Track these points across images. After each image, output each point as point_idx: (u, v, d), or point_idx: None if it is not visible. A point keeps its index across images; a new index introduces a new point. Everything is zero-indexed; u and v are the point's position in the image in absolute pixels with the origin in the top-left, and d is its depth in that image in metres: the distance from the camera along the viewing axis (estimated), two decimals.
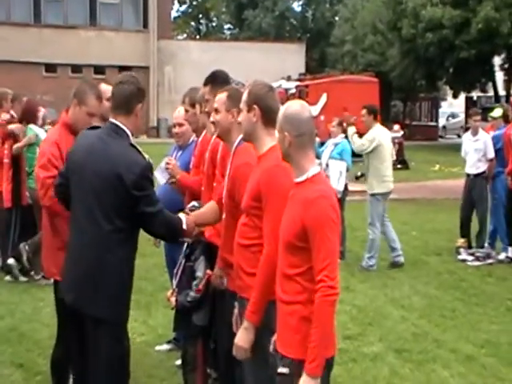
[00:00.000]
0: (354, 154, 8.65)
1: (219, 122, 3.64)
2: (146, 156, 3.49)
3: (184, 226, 3.59)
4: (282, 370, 2.83)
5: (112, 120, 3.46)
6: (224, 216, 3.64)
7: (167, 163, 4.64)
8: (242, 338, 3.07)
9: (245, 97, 3.30)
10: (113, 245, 3.34)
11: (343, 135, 8.75)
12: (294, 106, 2.94)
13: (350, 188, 9.28)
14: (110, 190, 3.30)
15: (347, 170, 8.51)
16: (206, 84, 4.16)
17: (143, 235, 3.55)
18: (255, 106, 3.24)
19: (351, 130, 8.25)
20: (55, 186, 3.70)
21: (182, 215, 3.67)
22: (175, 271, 4.14)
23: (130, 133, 3.47)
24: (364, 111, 8.07)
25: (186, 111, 4.77)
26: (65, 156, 3.78)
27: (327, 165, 8.39)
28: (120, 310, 3.44)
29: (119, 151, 3.37)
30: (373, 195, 8.07)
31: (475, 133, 8.88)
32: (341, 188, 8.16)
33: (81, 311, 3.41)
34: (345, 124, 8.65)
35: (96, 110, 4.00)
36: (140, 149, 3.46)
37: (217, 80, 4.11)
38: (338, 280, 2.76)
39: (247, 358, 3.11)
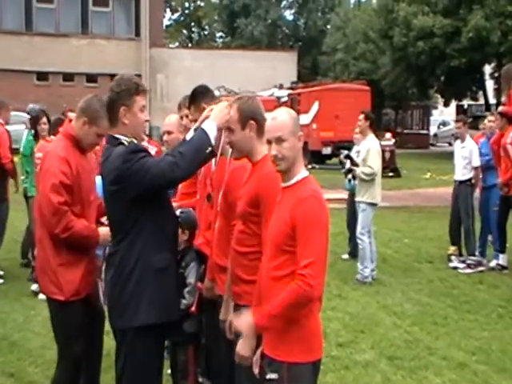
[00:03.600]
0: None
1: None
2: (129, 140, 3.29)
3: (212, 135, 3.25)
4: (270, 375, 2.84)
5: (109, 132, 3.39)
6: (218, 222, 3.64)
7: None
8: (244, 346, 3.03)
9: (235, 115, 3.24)
10: (129, 254, 3.22)
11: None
12: (291, 111, 3.02)
13: (343, 196, 9.28)
14: (112, 195, 3.26)
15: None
16: (189, 106, 4.11)
17: None
18: (252, 122, 3.24)
19: (357, 170, 7.97)
20: None
21: None
22: None
23: (127, 137, 3.28)
24: (361, 116, 8.07)
25: (182, 118, 4.61)
26: (75, 171, 3.62)
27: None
28: (128, 316, 3.24)
29: (111, 158, 3.25)
30: (367, 204, 7.93)
31: (462, 140, 8.98)
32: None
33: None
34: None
35: (105, 132, 3.65)
36: (124, 142, 3.28)
37: (197, 97, 4.05)
38: (322, 282, 2.78)
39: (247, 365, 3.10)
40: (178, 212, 3.96)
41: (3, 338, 5.78)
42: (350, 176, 8.57)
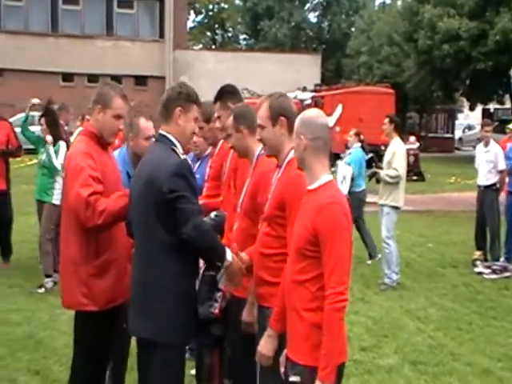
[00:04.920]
0: (369, 165, 8.72)
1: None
2: (183, 156, 3.28)
3: (229, 257, 3.25)
4: (293, 378, 2.84)
5: (160, 131, 3.35)
6: (238, 223, 3.65)
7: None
8: (266, 345, 3.07)
9: (265, 112, 3.29)
10: (158, 259, 3.14)
11: (359, 144, 9.23)
12: (311, 112, 3.03)
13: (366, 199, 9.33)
14: (148, 195, 3.14)
15: (352, 177, 8.68)
16: (215, 101, 4.16)
17: None
18: (282, 118, 3.27)
19: (382, 173, 7.98)
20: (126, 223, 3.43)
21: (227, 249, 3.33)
22: None
23: (176, 140, 3.27)
24: (386, 120, 8.04)
25: (201, 128, 4.51)
26: (99, 168, 3.52)
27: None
28: (168, 331, 3.16)
29: (156, 156, 3.23)
30: (391, 207, 7.87)
31: (486, 144, 8.89)
32: (343, 192, 8.13)
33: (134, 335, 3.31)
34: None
35: (123, 112, 3.68)
36: (180, 153, 3.26)
37: (226, 94, 4.13)
38: (348, 286, 2.78)
39: (269, 365, 3.10)
40: (212, 214, 3.96)
41: (29, 337, 5.85)
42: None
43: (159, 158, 3.21)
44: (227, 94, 4.16)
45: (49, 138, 7.40)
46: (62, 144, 7.45)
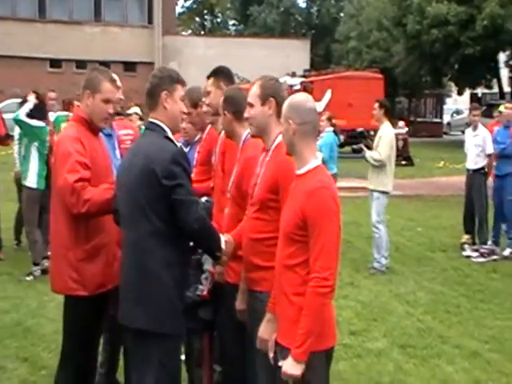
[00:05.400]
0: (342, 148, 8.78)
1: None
2: (179, 144, 3.29)
3: (223, 245, 3.28)
4: (282, 363, 2.84)
5: (149, 119, 3.30)
6: (228, 208, 3.65)
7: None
8: (266, 330, 3.06)
9: (257, 91, 3.31)
10: (151, 247, 3.08)
11: (331, 129, 9.47)
12: (299, 97, 3.02)
13: (356, 185, 9.34)
14: (143, 183, 3.08)
15: (323, 161, 8.68)
16: (209, 77, 4.18)
17: None
18: (271, 99, 3.28)
19: (367, 153, 8.03)
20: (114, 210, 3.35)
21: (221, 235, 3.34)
22: None
23: (167, 127, 3.23)
24: (376, 105, 8.03)
25: (189, 114, 4.48)
26: (89, 153, 3.50)
27: None
28: (165, 320, 3.11)
29: (150, 143, 3.19)
30: (380, 192, 7.89)
31: (475, 128, 8.92)
32: None
33: (127, 326, 3.16)
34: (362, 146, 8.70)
35: (112, 95, 3.67)
36: (172, 138, 3.24)
37: (220, 74, 4.16)
38: (336, 271, 2.79)
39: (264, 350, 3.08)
40: (203, 199, 3.95)
41: (17, 324, 5.84)
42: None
43: (155, 146, 3.15)
44: (221, 73, 4.19)
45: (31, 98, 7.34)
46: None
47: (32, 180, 7.27)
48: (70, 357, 3.63)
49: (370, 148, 8.20)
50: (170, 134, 3.23)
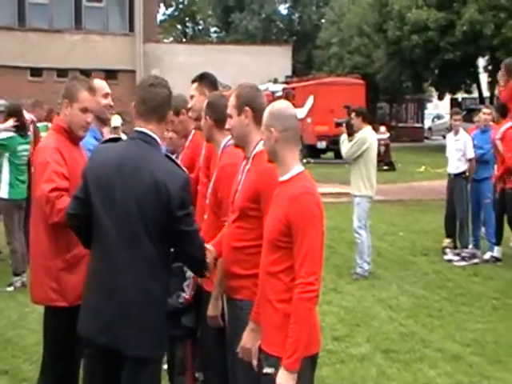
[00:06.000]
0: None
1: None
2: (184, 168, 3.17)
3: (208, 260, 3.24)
4: (267, 370, 2.85)
5: (140, 128, 3.06)
6: (207, 215, 3.66)
7: None
8: (249, 339, 3.04)
9: (233, 101, 3.32)
10: (157, 271, 2.96)
11: None
12: (279, 104, 3.04)
13: (338, 190, 9.34)
14: (152, 202, 2.90)
15: None
16: (193, 82, 4.20)
17: None
18: (247, 108, 3.28)
19: (343, 136, 8.18)
20: (68, 214, 3.17)
21: None
22: None
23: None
24: (353, 114, 8.06)
25: (172, 121, 4.47)
26: (68, 163, 3.46)
27: None
28: (163, 345, 3.11)
29: (158, 161, 3.00)
30: (362, 197, 7.93)
31: (456, 133, 9.01)
32: None
33: (120, 351, 2.94)
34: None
35: (89, 104, 3.64)
36: (177, 161, 3.18)
37: (205, 79, 4.18)
38: (320, 277, 2.79)
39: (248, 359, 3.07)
40: None
41: None
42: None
43: (164, 168, 2.97)
44: (206, 79, 4.21)
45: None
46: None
47: (4, 191, 7.23)
48: (49, 368, 3.62)
49: (351, 133, 8.11)
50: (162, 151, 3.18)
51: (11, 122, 7.26)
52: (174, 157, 4.76)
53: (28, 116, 7.88)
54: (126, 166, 2.96)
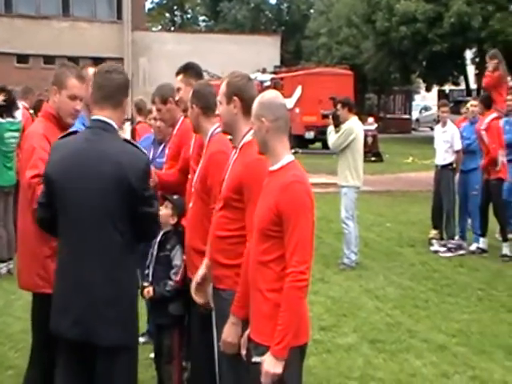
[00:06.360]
0: None
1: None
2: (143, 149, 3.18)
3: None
4: (256, 359, 2.84)
5: (96, 116, 3.07)
6: (192, 202, 3.65)
7: None
8: (230, 333, 3.05)
9: (223, 89, 3.31)
10: (123, 259, 2.97)
11: None
12: (269, 94, 3.03)
13: (326, 180, 9.33)
14: (115, 190, 2.91)
15: None
16: (178, 73, 4.17)
17: None
18: (235, 98, 3.26)
19: (330, 128, 8.18)
20: (37, 210, 3.19)
21: None
22: (147, 263, 4.13)
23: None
24: (338, 106, 8.06)
25: (159, 110, 4.57)
26: None
27: None
28: (135, 333, 3.13)
29: (117, 149, 2.99)
30: (349, 187, 7.95)
31: (444, 124, 9.04)
32: None
33: (92, 343, 2.94)
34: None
35: (78, 91, 3.62)
36: (136, 143, 3.21)
37: (190, 70, 4.16)
38: (310, 266, 2.80)
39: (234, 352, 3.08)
40: (175, 197, 4.04)
41: None
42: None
43: (126, 153, 2.98)
44: (192, 71, 4.19)
45: None
46: None
47: None
48: (37, 355, 3.60)
49: (337, 124, 8.12)
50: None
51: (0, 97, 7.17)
52: (162, 146, 4.80)
53: (20, 104, 7.78)
54: (85, 159, 2.96)
